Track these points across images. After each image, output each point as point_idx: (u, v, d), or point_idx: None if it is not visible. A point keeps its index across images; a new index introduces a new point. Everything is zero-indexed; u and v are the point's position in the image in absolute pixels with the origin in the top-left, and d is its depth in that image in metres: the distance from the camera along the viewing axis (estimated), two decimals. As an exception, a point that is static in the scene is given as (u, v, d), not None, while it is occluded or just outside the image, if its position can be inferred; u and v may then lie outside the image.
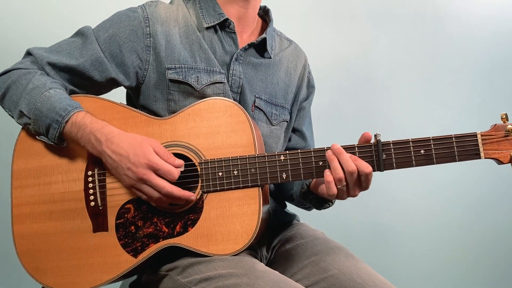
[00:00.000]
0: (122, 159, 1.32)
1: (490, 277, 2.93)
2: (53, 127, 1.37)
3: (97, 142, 1.35)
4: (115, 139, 1.34)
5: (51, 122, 1.37)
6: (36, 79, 1.42)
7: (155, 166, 1.31)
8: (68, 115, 1.36)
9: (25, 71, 1.45)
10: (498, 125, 1.34)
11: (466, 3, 2.96)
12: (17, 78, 1.44)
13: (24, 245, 1.43)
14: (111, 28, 1.50)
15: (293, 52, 1.73)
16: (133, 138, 1.35)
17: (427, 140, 1.34)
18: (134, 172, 1.32)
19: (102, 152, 1.35)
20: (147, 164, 1.31)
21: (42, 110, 1.37)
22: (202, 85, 1.49)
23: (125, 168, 1.32)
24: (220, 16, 1.55)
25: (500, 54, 2.95)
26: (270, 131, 1.61)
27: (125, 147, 1.33)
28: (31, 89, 1.40)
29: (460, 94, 2.91)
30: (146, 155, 1.31)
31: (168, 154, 1.35)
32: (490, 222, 2.92)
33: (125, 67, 1.49)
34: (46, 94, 1.38)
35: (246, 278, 1.25)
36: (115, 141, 1.34)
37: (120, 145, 1.33)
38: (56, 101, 1.37)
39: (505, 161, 1.32)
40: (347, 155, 1.32)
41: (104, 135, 1.35)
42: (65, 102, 1.38)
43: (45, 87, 1.40)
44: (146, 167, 1.31)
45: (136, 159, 1.31)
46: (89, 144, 1.37)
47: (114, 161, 1.34)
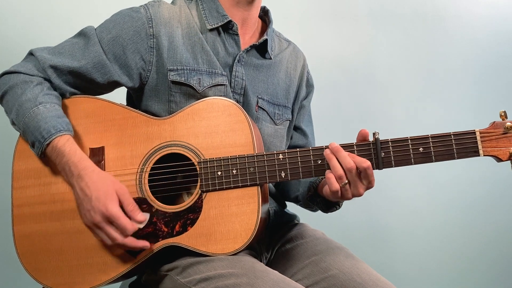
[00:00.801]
0: (85, 199, 1.32)
1: (490, 277, 2.92)
2: (36, 145, 1.38)
3: (70, 174, 1.35)
4: (86, 177, 1.33)
5: (34, 140, 1.37)
6: (30, 91, 1.41)
7: (110, 218, 1.30)
8: (50, 138, 1.35)
9: (23, 77, 1.44)
10: (497, 122, 1.34)
11: (466, 3, 2.96)
12: (15, 85, 1.43)
13: (25, 245, 1.43)
14: (114, 29, 1.49)
15: (292, 52, 1.74)
16: (102, 182, 1.34)
17: (426, 138, 1.34)
18: (92, 216, 1.31)
19: (72, 184, 1.36)
20: (104, 214, 1.30)
21: (29, 126, 1.38)
22: (204, 87, 1.49)
23: (86, 209, 1.32)
24: (224, 18, 1.55)
25: (500, 54, 2.95)
26: (275, 131, 1.62)
27: (91, 188, 1.32)
28: (23, 101, 1.40)
29: (460, 94, 2.91)
30: (106, 203, 1.30)
31: (132, 207, 1.34)
32: (490, 221, 2.92)
33: (129, 68, 1.49)
34: (35, 110, 1.38)
35: (246, 278, 1.25)
36: (85, 179, 1.33)
37: (88, 184, 1.32)
38: (42, 119, 1.37)
39: (504, 159, 1.32)
40: (345, 152, 1.32)
41: (77, 170, 1.34)
42: (51, 122, 1.37)
43: (36, 102, 1.39)
44: (102, 215, 1.30)
45: (96, 205, 1.30)
46: (63, 172, 1.37)
47: (79, 198, 1.34)
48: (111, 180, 1.35)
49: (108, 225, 1.31)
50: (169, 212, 1.39)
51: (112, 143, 1.44)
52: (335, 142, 1.34)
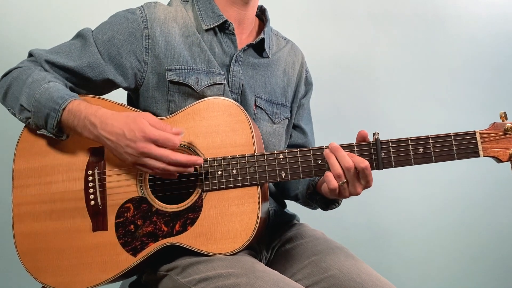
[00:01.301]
0: (119, 138, 1.32)
1: (490, 277, 2.92)
2: (51, 116, 1.37)
3: (92, 126, 1.35)
4: (108, 120, 1.34)
5: (49, 112, 1.37)
6: (36, 74, 1.43)
7: (152, 137, 1.30)
8: (65, 102, 1.36)
9: (24, 67, 1.47)
10: (497, 123, 1.34)
11: (466, 3, 2.96)
12: (18, 75, 1.45)
13: (25, 244, 1.43)
14: (109, 30, 1.50)
15: (290, 50, 1.74)
16: (126, 116, 1.34)
17: (426, 138, 1.34)
18: (133, 147, 1.31)
19: (99, 136, 1.35)
20: (144, 137, 1.30)
21: (41, 101, 1.38)
22: (202, 86, 1.50)
23: (124, 145, 1.32)
24: (219, 18, 1.55)
25: (500, 54, 2.95)
26: (273, 130, 1.62)
27: (119, 125, 1.32)
28: (30, 82, 1.41)
29: (460, 94, 2.91)
30: (141, 128, 1.30)
31: (164, 124, 1.34)
32: (490, 222, 2.92)
33: (123, 69, 1.50)
34: (45, 85, 1.39)
35: (246, 278, 1.25)
36: (109, 122, 1.33)
37: (115, 124, 1.33)
38: (54, 91, 1.38)
39: (504, 159, 1.32)
40: (344, 152, 1.32)
41: (98, 118, 1.35)
42: (63, 92, 1.39)
43: (45, 80, 1.41)
44: (143, 140, 1.30)
45: (133, 134, 1.30)
46: (85, 130, 1.36)
47: (112, 142, 1.33)
48: (134, 112, 1.38)
49: (153, 146, 1.30)
50: (169, 211, 1.39)
51: (112, 143, 1.44)
52: (335, 142, 1.34)
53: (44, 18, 2.41)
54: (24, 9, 2.38)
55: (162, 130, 1.32)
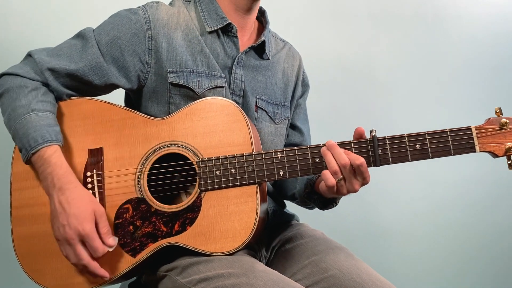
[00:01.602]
0: (63, 214, 1.31)
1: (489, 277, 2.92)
2: (23, 152, 1.38)
3: (52, 185, 1.35)
4: (67, 191, 1.33)
5: (21, 148, 1.38)
6: (24, 97, 1.41)
7: (84, 237, 1.31)
8: (36, 148, 1.35)
9: (20, 81, 1.44)
10: (492, 118, 1.34)
11: (466, 3, 2.96)
12: (11, 88, 1.43)
13: (24, 247, 1.43)
14: (112, 31, 1.49)
15: (288, 52, 1.75)
16: (82, 200, 1.34)
17: (422, 134, 1.34)
18: (66, 231, 1.31)
19: (51, 196, 1.35)
20: (79, 232, 1.30)
21: (18, 132, 1.38)
22: (203, 89, 1.50)
23: (60, 223, 1.31)
24: (223, 20, 1.55)
25: (500, 54, 2.95)
26: (275, 130, 1.62)
27: (71, 204, 1.32)
28: (16, 106, 1.40)
29: (459, 94, 2.91)
30: (83, 222, 1.31)
31: (106, 229, 1.34)
32: (490, 221, 2.91)
33: (127, 70, 1.49)
34: (26, 117, 1.38)
35: (245, 278, 1.25)
36: (66, 194, 1.33)
37: (68, 200, 1.32)
38: (31, 127, 1.37)
39: (500, 154, 1.32)
40: (340, 149, 1.32)
41: (60, 183, 1.34)
42: (40, 131, 1.36)
43: (28, 109, 1.39)
44: (77, 233, 1.30)
45: (73, 222, 1.30)
46: (45, 182, 1.36)
47: (55, 211, 1.33)
48: (91, 199, 1.36)
49: (79, 243, 1.31)
50: (168, 211, 1.39)
51: (110, 144, 1.44)
52: (332, 140, 1.35)
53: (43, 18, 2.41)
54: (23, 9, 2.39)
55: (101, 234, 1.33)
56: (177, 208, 1.39)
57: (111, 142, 1.45)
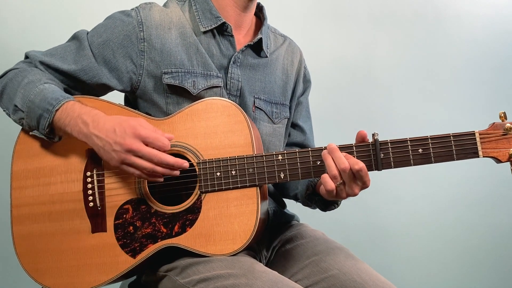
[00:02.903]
0: (109, 134, 1.31)
1: (490, 277, 2.92)
2: (43, 117, 1.37)
3: (83, 124, 1.34)
4: (101, 119, 1.34)
5: (42, 112, 1.37)
6: (32, 75, 1.43)
7: (143, 135, 1.30)
8: (59, 103, 1.36)
9: (21, 69, 1.47)
10: (496, 123, 1.33)
11: (466, 4, 2.96)
12: (13, 76, 1.46)
13: (24, 246, 1.43)
14: (105, 33, 1.50)
15: (288, 48, 1.73)
16: (119, 116, 1.35)
17: (425, 139, 1.33)
18: (122, 144, 1.30)
19: (88, 134, 1.34)
20: (134, 133, 1.30)
21: (34, 102, 1.38)
22: (199, 89, 1.49)
23: (113, 142, 1.31)
24: (218, 20, 1.54)
25: (500, 54, 2.94)
26: (273, 130, 1.62)
27: (111, 123, 1.32)
28: (26, 83, 1.41)
29: (460, 94, 2.90)
30: (132, 125, 1.31)
31: (155, 128, 1.34)
32: (490, 222, 2.91)
33: (119, 72, 1.49)
34: (40, 87, 1.39)
35: (245, 279, 1.25)
36: (101, 121, 1.34)
37: (107, 123, 1.33)
38: (49, 92, 1.38)
39: (503, 160, 1.31)
40: (340, 153, 1.31)
41: (90, 117, 1.35)
42: (58, 93, 1.39)
43: (40, 81, 1.41)
44: (133, 136, 1.30)
45: (123, 131, 1.30)
46: (76, 128, 1.36)
47: (100, 139, 1.32)
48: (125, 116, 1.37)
49: (143, 144, 1.30)
50: (168, 213, 1.39)
51: (111, 144, 1.44)
52: (334, 143, 1.34)
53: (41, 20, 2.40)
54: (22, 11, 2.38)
55: (154, 131, 1.33)
56: (177, 209, 1.39)
57: (111, 142, 1.44)
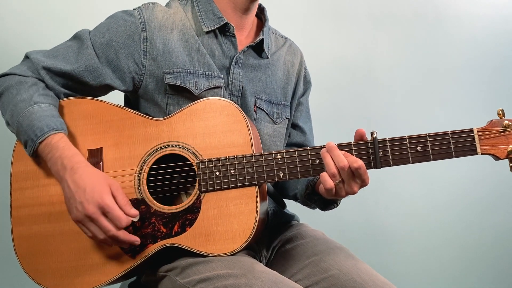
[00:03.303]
0: (78, 191, 1.31)
1: (489, 277, 2.92)
2: (29, 144, 1.38)
3: (62, 168, 1.34)
4: (80, 170, 1.33)
5: (27, 139, 1.37)
6: (25, 91, 1.42)
7: (105, 208, 1.29)
8: (43, 136, 1.35)
9: (19, 78, 1.45)
10: (494, 120, 1.33)
11: (466, 4, 2.96)
12: (10, 86, 1.44)
13: (24, 247, 1.43)
14: (107, 33, 1.50)
15: (289, 49, 1.73)
16: (96, 175, 1.34)
17: (424, 136, 1.34)
18: (84, 208, 1.29)
19: (63, 178, 1.34)
20: (99, 203, 1.29)
21: (22, 125, 1.38)
22: (201, 90, 1.49)
23: (78, 201, 1.30)
24: (220, 20, 1.55)
25: (500, 54, 2.94)
26: (274, 130, 1.62)
27: (86, 180, 1.31)
28: (18, 101, 1.41)
29: (460, 95, 2.90)
30: (101, 194, 1.30)
31: (125, 201, 1.33)
32: (490, 222, 2.91)
33: (121, 72, 1.49)
34: (29, 109, 1.38)
35: (245, 279, 1.25)
36: (79, 172, 1.32)
37: (82, 176, 1.32)
38: (36, 118, 1.37)
39: (502, 157, 1.31)
40: (339, 151, 1.32)
41: (71, 163, 1.34)
42: (45, 121, 1.37)
43: (30, 102, 1.40)
44: (96, 206, 1.29)
45: (90, 196, 1.29)
46: (54, 167, 1.36)
47: (70, 191, 1.32)
48: (104, 175, 1.36)
49: (102, 216, 1.30)
50: (167, 212, 1.39)
51: (110, 144, 1.44)
52: (332, 142, 1.34)
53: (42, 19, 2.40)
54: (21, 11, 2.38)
55: (121, 206, 1.32)
56: (176, 209, 1.39)
57: (110, 143, 1.44)
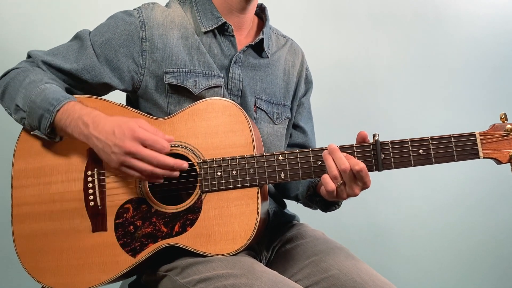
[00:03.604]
0: (108, 136, 1.31)
1: (490, 277, 2.92)
2: (45, 117, 1.37)
3: (84, 125, 1.34)
4: (102, 120, 1.34)
5: (43, 113, 1.37)
6: (34, 74, 1.43)
7: (142, 137, 1.29)
8: (60, 104, 1.36)
9: (24, 68, 1.47)
10: (497, 124, 1.33)
11: (466, 4, 2.96)
12: (15, 75, 1.46)
13: (24, 245, 1.43)
14: (107, 33, 1.50)
15: (290, 49, 1.73)
16: (119, 118, 1.35)
17: (426, 140, 1.33)
18: (121, 146, 1.29)
19: (88, 135, 1.34)
20: (133, 136, 1.29)
21: (36, 102, 1.38)
22: (200, 89, 1.49)
23: (112, 145, 1.31)
24: (218, 20, 1.55)
25: (500, 55, 2.95)
26: (274, 130, 1.62)
27: (110, 125, 1.32)
28: (27, 83, 1.42)
29: (460, 95, 2.91)
30: (131, 128, 1.30)
31: (157, 130, 1.34)
32: (490, 222, 2.92)
33: (120, 71, 1.50)
34: (41, 87, 1.39)
35: (245, 279, 1.25)
36: (101, 122, 1.33)
37: (107, 124, 1.33)
38: (50, 92, 1.38)
39: (504, 161, 1.32)
40: (340, 153, 1.32)
41: (91, 118, 1.34)
42: (59, 93, 1.39)
43: (42, 81, 1.41)
44: (132, 139, 1.29)
45: (122, 133, 1.30)
46: (76, 129, 1.36)
47: (100, 141, 1.33)
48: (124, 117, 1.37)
49: (141, 146, 1.30)
50: (168, 212, 1.39)
51: (112, 143, 1.44)
52: (334, 144, 1.34)
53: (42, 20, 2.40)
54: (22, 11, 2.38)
55: (153, 133, 1.33)
56: (177, 209, 1.39)
57: (112, 142, 1.44)
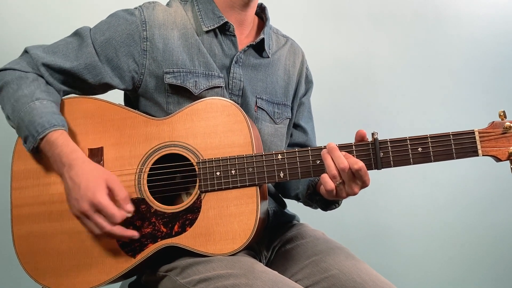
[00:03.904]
0: (74, 188, 1.32)
1: (490, 277, 2.92)
2: (29, 140, 1.38)
3: (61, 164, 1.35)
4: (76, 167, 1.34)
5: (28, 135, 1.38)
6: (26, 86, 1.42)
7: (98, 206, 1.29)
8: (44, 132, 1.36)
9: (19, 74, 1.45)
10: (496, 122, 1.33)
11: (466, 4, 2.96)
12: (10, 81, 1.44)
13: (24, 245, 1.43)
14: (108, 31, 1.50)
15: (290, 48, 1.73)
16: (92, 172, 1.34)
17: (425, 137, 1.33)
18: (79, 205, 1.30)
19: (63, 174, 1.36)
20: (91, 201, 1.29)
21: (24, 120, 1.38)
22: (201, 89, 1.49)
23: (73, 198, 1.32)
24: (220, 19, 1.55)
25: (500, 55, 2.95)
26: (275, 130, 1.62)
27: (81, 177, 1.32)
28: (19, 96, 1.41)
29: (460, 95, 2.91)
30: (94, 192, 1.30)
31: (123, 194, 1.33)
32: (490, 222, 2.91)
33: (121, 70, 1.49)
34: (31, 105, 1.38)
35: (245, 279, 1.25)
36: (75, 169, 1.33)
37: (78, 173, 1.33)
38: (37, 114, 1.37)
39: (503, 158, 1.32)
40: (339, 152, 1.32)
41: (68, 160, 1.35)
42: (46, 118, 1.37)
43: (32, 98, 1.40)
44: (89, 203, 1.30)
45: (84, 193, 1.30)
46: (55, 164, 1.38)
47: (68, 188, 1.34)
48: (102, 170, 1.36)
49: (96, 213, 1.30)
50: (168, 212, 1.39)
51: (111, 144, 1.44)
52: (333, 143, 1.34)
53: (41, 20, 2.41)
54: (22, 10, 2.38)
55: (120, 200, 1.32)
56: (177, 209, 1.39)
57: (111, 142, 1.44)
